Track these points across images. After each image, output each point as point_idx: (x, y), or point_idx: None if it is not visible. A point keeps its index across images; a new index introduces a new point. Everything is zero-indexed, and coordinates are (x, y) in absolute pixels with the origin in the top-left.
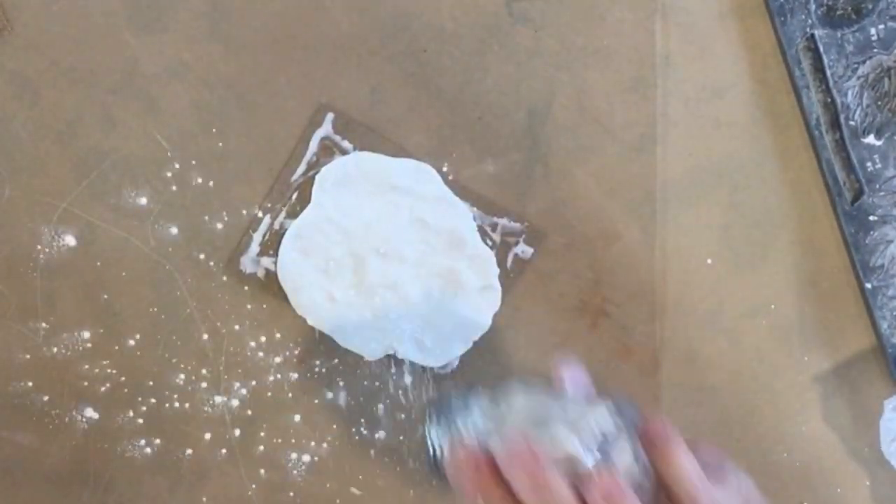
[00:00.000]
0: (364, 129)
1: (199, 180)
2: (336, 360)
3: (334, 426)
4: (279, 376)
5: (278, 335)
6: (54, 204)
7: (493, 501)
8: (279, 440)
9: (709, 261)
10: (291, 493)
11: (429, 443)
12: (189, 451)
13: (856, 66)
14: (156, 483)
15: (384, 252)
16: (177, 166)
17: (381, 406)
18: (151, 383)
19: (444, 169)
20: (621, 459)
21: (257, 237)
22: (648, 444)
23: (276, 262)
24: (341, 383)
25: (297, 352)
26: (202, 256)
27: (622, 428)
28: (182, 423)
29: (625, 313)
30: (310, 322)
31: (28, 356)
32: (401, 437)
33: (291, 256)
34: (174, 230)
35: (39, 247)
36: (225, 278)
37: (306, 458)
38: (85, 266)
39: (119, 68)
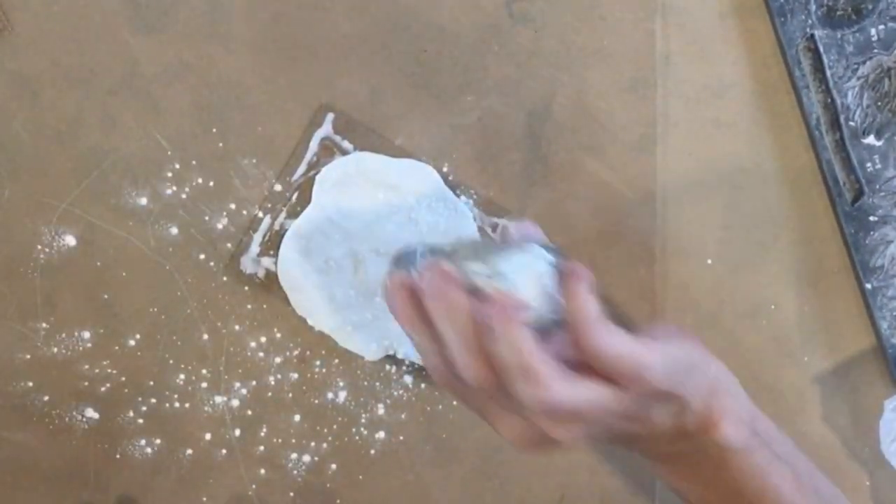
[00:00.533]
0: (364, 129)
1: (199, 180)
2: (336, 360)
3: (334, 426)
4: (279, 376)
5: (278, 335)
6: (54, 204)
7: (410, 319)
8: (279, 440)
9: (709, 261)
10: (291, 494)
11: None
12: (189, 451)
13: (856, 66)
14: (156, 483)
15: (384, 252)
16: (177, 166)
17: (381, 406)
18: (151, 383)
19: (444, 169)
20: (526, 290)
21: (257, 237)
22: (562, 284)
23: (276, 262)
24: (341, 383)
25: (297, 352)
26: (202, 256)
27: (541, 269)
28: (182, 423)
29: (625, 313)
30: (310, 322)
31: (28, 356)
32: (401, 437)
33: (291, 256)
34: (174, 230)
35: (39, 247)
36: (225, 278)
37: (306, 458)
38: (85, 266)
39: (119, 68)
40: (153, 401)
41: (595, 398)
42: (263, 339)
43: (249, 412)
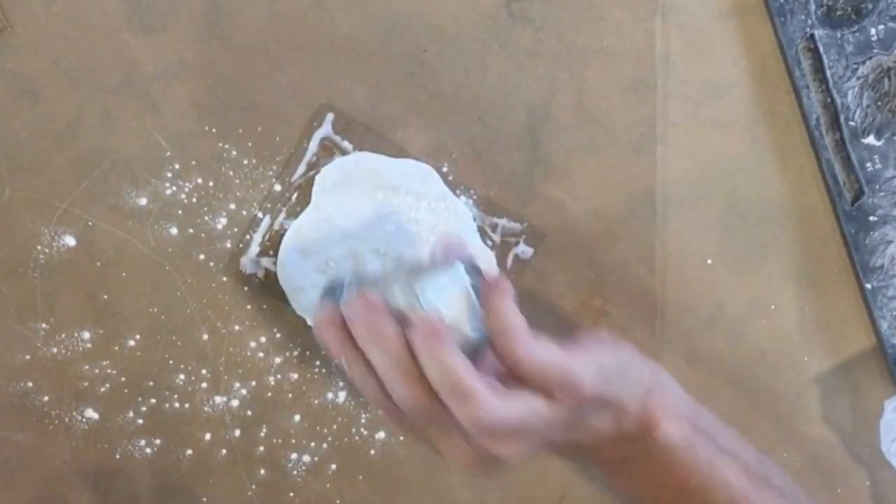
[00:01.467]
0: (364, 129)
1: (199, 180)
2: (336, 360)
3: (334, 426)
4: (279, 376)
5: (278, 335)
6: (54, 204)
7: (343, 352)
8: (279, 440)
9: (709, 261)
10: (291, 494)
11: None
12: (189, 451)
13: (856, 66)
14: (156, 483)
15: (384, 252)
16: (177, 166)
17: None
18: (151, 383)
19: (444, 169)
20: (452, 310)
21: (257, 237)
22: (484, 300)
23: (276, 263)
24: (341, 383)
25: (296, 352)
26: (202, 256)
27: (467, 287)
28: (182, 423)
29: (625, 313)
30: (310, 322)
31: (28, 356)
32: (401, 437)
33: (291, 257)
34: (174, 230)
35: (39, 247)
36: (225, 278)
37: (306, 458)
38: (85, 266)
39: (119, 68)
40: (153, 401)
41: (530, 411)
42: (263, 339)
43: (249, 412)
